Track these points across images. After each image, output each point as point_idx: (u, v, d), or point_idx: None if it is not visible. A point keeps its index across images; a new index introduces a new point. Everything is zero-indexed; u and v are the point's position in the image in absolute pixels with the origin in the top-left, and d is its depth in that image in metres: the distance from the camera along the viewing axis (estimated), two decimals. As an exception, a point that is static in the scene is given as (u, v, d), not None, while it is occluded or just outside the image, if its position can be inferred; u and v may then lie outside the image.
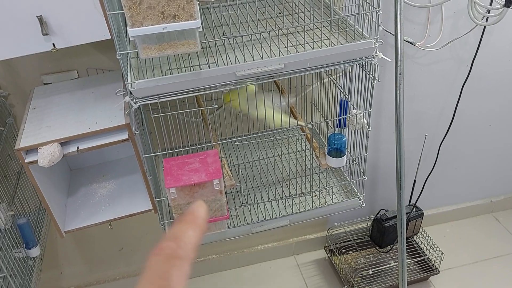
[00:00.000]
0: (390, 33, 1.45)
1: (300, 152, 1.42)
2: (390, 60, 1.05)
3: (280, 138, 1.49)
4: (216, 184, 0.93)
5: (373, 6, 0.98)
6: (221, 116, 1.47)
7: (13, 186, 1.24)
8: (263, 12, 1.20)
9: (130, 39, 0.80)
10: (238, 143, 1.39)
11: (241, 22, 1.14)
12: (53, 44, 0.91)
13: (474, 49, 1.54)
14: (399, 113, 1.43)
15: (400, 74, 1.36)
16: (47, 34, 0.88)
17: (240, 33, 1.04)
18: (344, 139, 1.09)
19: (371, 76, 1.07)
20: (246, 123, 1.50)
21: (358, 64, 1.04)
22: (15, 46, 0.89)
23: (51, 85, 1.19)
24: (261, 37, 1.04)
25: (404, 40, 1.45)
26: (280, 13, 1.19)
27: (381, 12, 0.98)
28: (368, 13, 0.99)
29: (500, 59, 1.65)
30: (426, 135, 1.62)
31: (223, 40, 1.02)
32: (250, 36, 1.01)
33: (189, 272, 0.28)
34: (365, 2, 1.00)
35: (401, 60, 1.34)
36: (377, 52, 1.02)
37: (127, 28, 0.78)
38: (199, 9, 0.84)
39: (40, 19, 0.87)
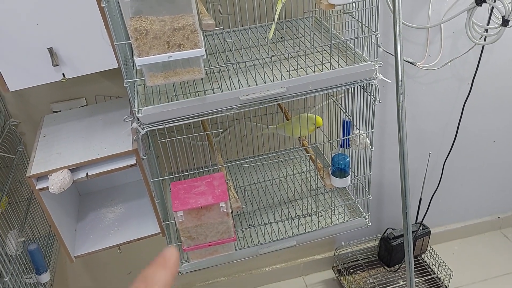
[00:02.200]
0: (390, 54, 1.48)
1: (305, 172, 1.44)
2: (390, 82, 1.07)
3: (285, 159, 1.51)
4: (222, 206, 0.95)
5: (371, 29, 1.01)
6: (226, 138, 1.50)
7: (23, 212, 1.26)
8: (265, 37, 1.23)
9: (137, 68, 0.83)
10: (243, 165, 1.41)
11: (243, 48, 1.17)
12: (63, 74, 0.94)
13: (474, 67, 1.56)
14: (401, 132, 1.45)
15: (402, 94, 1.38)
16: (57, 65, 0.92)
17: (243, 59, 1.07)
18: (348, 159, 1.11)
19: (372, 97, 1.09)
20: (251, 145, 1.52)
21: (359, 86, 1.07)
22: (26, 77, 0.93)
23: (61, 113, 1.22)
24: (264, 62, 1.08)
25: (405, 60, 1.48)
26: (281, 37, 1.23)
27: (379, 36, 1.00)
28: (367, 37, 1.02)
29: (501, 75, 1.67)
30: (430, 153, 1.63)
31: (226, 66, 1.05)
32: (252, 61, 1.04)
33: None
34: (364, 26, 1.03)
35: (402, 81, 1.37)
36: (377, 74, 1.04)
37: (134, 57, 0.82)
38: (203, 36, 0.87)
39: (51, 50, 0.91)
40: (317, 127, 1.22)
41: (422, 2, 1.45)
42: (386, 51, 1.49)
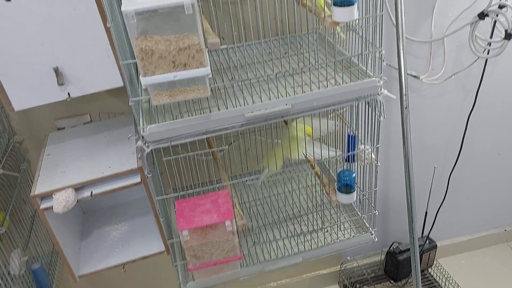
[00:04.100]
0: (394, 67, 1.48)
1: (310, 187, 1.43)
2: (394, 97, 1.06)
3: (290, 174, 1.50)
4: (228, 225, 0.94)
5: (375, 46, 1.01)
6: (231, 152, 1.49)
7: (27, 230, 1.25)
8: (269, 53, 1.23)
9: (143, 87, 0.83)
10: (248, 182, 1.40)
11: (248, 64, 1.18)
12: (68, 93, 0.94)
13: (478, 79, 1.56)
14: (406, 146, 1.44)
15: (406, 108, 1.38)
16: (62, 84, 0.92)
17: (247, 76, 1.07)
18: (354, 175, 1.10)
19: (377, 112, 1.09)
20: (255, 159, 1.51)
21: (364, 101, 1.06)
22: (31, 96, 0.93)
23: (65, 130, 1.22)
24: (268, 78, 1.07)
25: (408, 74, 1.48)
26: (285, 53, 1.23)
27: (383, 52, 1.00)
28: (371, 53, 1.02)
29: (505, 88, 1.66)
30: (435, 167, 1.62)
31: (232, 83, 1.05)
32: (257, 78, 1.03)
33: None
34: (367, 42, 1.03)
35: (406, 95, 1.37)
36: (382, 89, 1.04)
37: (139, 77, 0.82)
38: (208, 53, 0.87)
39: (56, 70, 0.91)
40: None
41: (425, 16, 1.46)
42: (390, 65, 1.49)
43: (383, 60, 1.47)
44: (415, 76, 1.51)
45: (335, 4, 0.89)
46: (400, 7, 1.32)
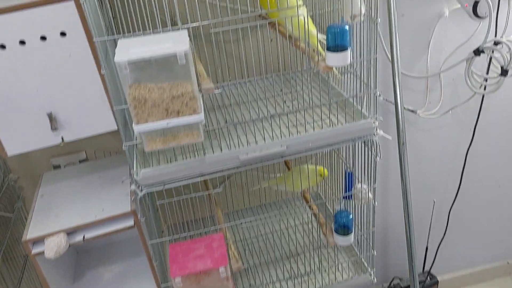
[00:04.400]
0: (391, 102, 1.48)
1: (307, 223, 1.41)
2: (390, 138, 1.06)
3: (287, 209, 1.48)
4: (222, 271, 0.92)
5: (370, 87, 1.01)
6: (227, 188, 1.48)
7: (20, 270, 1.23)
8: (264, 90, 1.23)
9: (135, 134, 0.82)
10: (245, 224, 1.38)
11: (243, 101, 1.17)
12: (62, 137, 0.94)
13: (476, 113, 1.56)
14: (404, 181, 1.43)
15: (403, 144, 1.37)
16: (56, 129, 0.92)
17: (242, 115, 1.06)
18: (351, 217, 1.09)
19: (373, 152, 1.08)
20: (252, 194, 1.50)
21: (360, 142, 1.06)
22: (25, 141, 0.92)
23: (59, 170, 1.21)
24: (263, 117, 1.07)
25: (405, 108, 1.48)
26: (281, 90, 1.23)
27: (379, 94, 1.00)
28: (366, 94, 1.02)
29: (504, 121, 1.66)
30: (434, 201, 1.60)
31: (226, 122, 1.05)
32: (252, 120, 1.03)
33: None
34: (362, 83, 1.03)
35: (403, 131, 1.36)
36: (378, 130, 1.04)
37: (132, 124, 0.81)
38: (202, 96, 0.87)
39: (50, 115, 0.90)
40: (321, 176, 1.21)
41: (421, 51, 1.46)
42: (386, 100, 1.49)
43: (379, 95, 1.47)
44: (412, 111, 1.50)
45: (328, 49, 0.89)
46: (395, 43, 1.34)
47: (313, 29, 1.03)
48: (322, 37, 1.02)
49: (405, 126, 1.39)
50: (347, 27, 0.88)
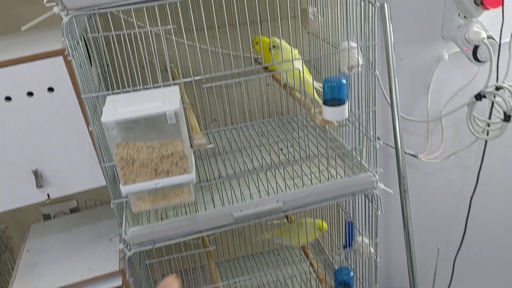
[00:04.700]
0: (391, 146, 1.44)
1: (305, 274, 1.35)
2: (392, 192, 1.02)
3: (286, 258, 1.43)
4: None
5: (370, 139, 0.98)
6: (223, 235, 1.43)
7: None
8: (260, 136, 1.20)
9: (123, 195, 0.78)
10: (241, 282, 1.32)
11: (238, 149, 1.14)
12: (48, 194, 0.90)
13: (479, 155, 1.51)
14: (407, 229, 1.38)
15: (405, 191, 1.33)
16: (41, 187, 0.88)
17: (237, 164, 1.03)
18: (352, 274, 1.03)
19: (374, 206, 1.03)
20: (249, 241, 1.45)
21: (360, 195, 1.01)
22: (9, 199, 0.89)
23: (48, 222, 1.17)
24: (259, 167, 1.03)
25: (406, 153, 1.44)
26: (278, 136, 1.20)
27: (378, 146, 0.97)
28: (366, 146, 0.98)
29: (508, 163, 1.62)
30: (439, 248, 1.55)
31: (219, 177, 1.01)
32: (246, 174, 0.99)
33: None
34: (361, 133, 1.00)
35: (404, 178, 1.32)
36: (378, 183, 0.99)
37: (120, 185, 0.77)
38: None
39: (35, 172, 0.87)
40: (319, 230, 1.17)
41: (421, 94, 1.44)
42: (387, 144, 1.45)
43: (379, 138, 1.44)
44: (413, 155, 1.46)
45: (325, 103, 0.86)
46: (394, 87, 1.31)
47: (309, 77, 1.00)
48: (318, 85, 0.99)
49: (406, 172, 1.35)
50: (344, 81, 0.86)
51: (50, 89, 0.83)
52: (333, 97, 0.86)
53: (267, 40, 1.00)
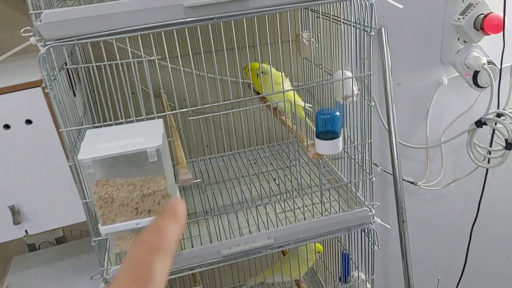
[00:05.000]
0: (389, 173, 1.40)
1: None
2: (389, 227, 0.97)
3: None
4: None
5: (366, 171, 0.93)
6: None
7: None
8: (255, 162, 1.16)
9: (102, 235, 0.74)
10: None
11: (229, 178, 1.09)
12: (26, 230, 0.85)
13: (480, 182, 1.47)
14: (406, 260, 1.33)
15: (404, 221, 1.28)
16: (19, 223, 0.83)
17: (228, 194, 0.98)
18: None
19: (370, 240, 0.99)
20: (242, 270, 1.39)
21: (355, 230, 0.97)
22: (-16, 236, 0.84)
23: (31, 254, 1.12)
24: (249, 199, 0.99)
25: (404, 180, 1.40)
26: (271, 163, 1.15)
27: (374, 179, 0.92)
28: (362, 180, 0.94)
29: (510, 190, 1.57)
30: (439, 279, 1.49)
31: (206, 213, 0.96)
32: (235, 211, 0.94)
33: (170, 265, 0.27)
34: (356, 165, 0.95)
35: (402, 207, 1.28)
36: (375, 218, 0.95)
37: (99, 225, 0.73)
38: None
39: (12, 209, 0.82)
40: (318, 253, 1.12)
41: (419, 120, 1.40)
42: (385, 171, 1.41)
43: (377, 165, 1.39)
44: (412, 183, 1.42)
45: (318, 136, 0.82)
46: (392, 113, 1.27)
47: (299, 100, 0.97)
48: (308, 105, 0.96)
49: (405, 200, 1.31)
50: (337, 113, 0.82)
51: (28, 121, 0.79)
52: (326, 130, 0.82)
53: (255, 65, 0.97)
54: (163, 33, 0.73)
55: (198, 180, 0.89)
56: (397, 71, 1.31)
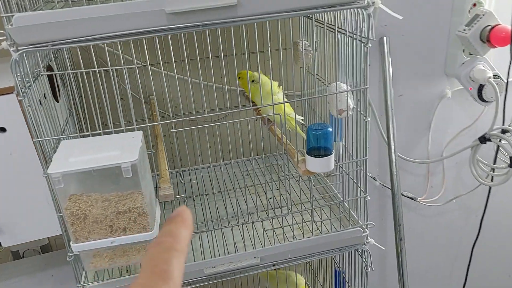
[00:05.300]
0: (387, 187, 1.34)
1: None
2: (384, 249, 0.92)
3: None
4: None
5: (361, 189, 0.88)
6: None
7: None
8: (247, 174, 1.11)
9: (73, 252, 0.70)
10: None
11: (217, 190, 1.05)
12: (0, 243, 0.81)
13: (483, 198, 1.41)
14: (402, 278, 1.28)
15: (401, 239, 1.23)
16: (-9, 235, 0.79)
17: (214, 205, 0.94)
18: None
19: (364, 261, 0.94)
20: (233, 283, 1.35)
21: (348, 251, 0.92)
22: (-46, 247, 0.80)
23: (13, 263, 1.08)
24: (235, 216, 0.94)
25: (404, 195, 1.34)
26: (264, 176, 1.11)
27: (369, 198, 0.87)
28: (358, 199, 0.89)
29: (512, 207, 1.52)
30: (437, 298, 1.44)
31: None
32: (221, 227, 0.90)
33: (184, 265, 0.29)
34: (352, 182, 0.91)
35: (400, 225, 1.22)
36: (369, 238, 0.90)
37: (70, 242, 0.68)
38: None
39: (-16, 220, 0.78)
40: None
41: (421, 133, 1.35)
42: (383, 185, 1.35)
43: (375, 179, 1.34)
44: (411, 198, 1.37)
45: (309, 153, 0.77)
46: (392, 126, 1.22)
47: (291, 110, 0.92)
48: (300, 118, 0.91)
49: (403, 217, 1.25)
50: (330, 129, 0.77)
51: (2, 129, 0.74)
52: (318, 146, 0.78)
53: (250, 73, 0.93)
54: (156, 38, 0.69)
55: (180, 196, 0.84)
56: (399, 82, 1.26)
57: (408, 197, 1.36)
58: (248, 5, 0.66)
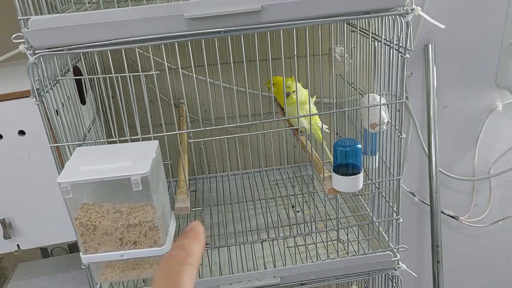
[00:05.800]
0: (426, 204, 1.26)
1: None
2: (416, 275, 0.85)
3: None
4: None
5: (394, 210, 0.81)
6: None
7: None
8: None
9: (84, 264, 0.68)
10: None
11: (237, 201, 1.00)
12: (18, 245, 0.81)
13: (533, 222, 1.30)
14: (440, 304, 1.19)
15: (439, 262, 1.14)
16: (9, 237, 0.79)
17: (235, 216, 0.90)
18: None
19: (394, 286, 0.87)
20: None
21: (377, 276, 0.85)
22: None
23: (36, 263, 1.09)
24: (255, 230, 0.90)
25: (444, 213, 1.25)
26: (287, 187, 1.06)
27: (401, 221, 0.80)
28: (390, 221, 0.82)
29: None
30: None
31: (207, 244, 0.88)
32: (238, 245, 0.86)
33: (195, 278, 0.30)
34: (385, 201, 0.84)
35: (438, 246, 1.14)
36: (400, 263, 0.83)
37: (80, 253, 0.66)
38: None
39: (3, 222, 0.78)
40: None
41: (466, 148, 1.25)
42: (422, 201, 1.27)
43: (414, 194, 1.26)
44: (453, 217, 1.27)
45: (335, 170, 0.72)
46: (434, 139, 1.14)
47: (318, 121, 0.87)
48: (325, 126, 0.85)
49: (442, 238, 1.17)
50: (359, 146, 0.71)
51: (21, 132, 0.74)
52: (346, 163, 0.72)
53: (280, 80, 0.88)
54: (189, 42, 0.66)
55: (198, 209, 0.80)
56: (444, 92, 1.17)
57: (449, 215, 1.26)
58: (273, 11, 0.62)
